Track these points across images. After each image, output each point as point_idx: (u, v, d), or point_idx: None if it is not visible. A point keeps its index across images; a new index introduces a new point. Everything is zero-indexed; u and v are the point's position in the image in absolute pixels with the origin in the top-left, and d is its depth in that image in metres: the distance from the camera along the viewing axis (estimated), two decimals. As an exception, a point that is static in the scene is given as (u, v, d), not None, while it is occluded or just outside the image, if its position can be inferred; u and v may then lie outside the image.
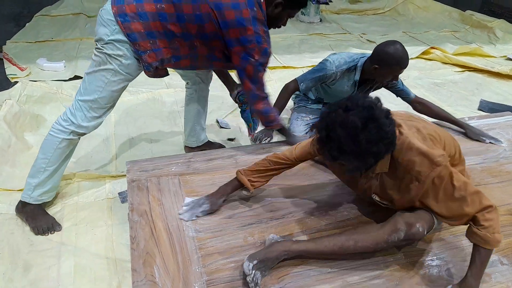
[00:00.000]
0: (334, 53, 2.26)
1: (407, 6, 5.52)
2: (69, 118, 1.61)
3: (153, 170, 1.72)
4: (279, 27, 1.70)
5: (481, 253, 1.20)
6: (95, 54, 1.54)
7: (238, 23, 1.47)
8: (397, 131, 1.22)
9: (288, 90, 2.29)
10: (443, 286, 1.27)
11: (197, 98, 2.08)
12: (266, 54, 1.59)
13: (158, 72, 1.64)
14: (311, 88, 2.31)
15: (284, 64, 3.52)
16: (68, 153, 1.71)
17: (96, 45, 1.52)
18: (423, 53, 3.91)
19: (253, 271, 1.20)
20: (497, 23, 4.88)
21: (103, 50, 1.50)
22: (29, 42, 3.73)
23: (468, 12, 5.30)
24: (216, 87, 3.06)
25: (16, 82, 2.84)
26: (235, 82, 2.04)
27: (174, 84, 3.01)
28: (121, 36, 1.46)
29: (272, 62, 3.52)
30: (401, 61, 2.01)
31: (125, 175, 1.79)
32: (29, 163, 1.70)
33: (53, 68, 3.22)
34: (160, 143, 2.36)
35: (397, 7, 5.53)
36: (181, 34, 1.50)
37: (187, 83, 2.07)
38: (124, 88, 1.63)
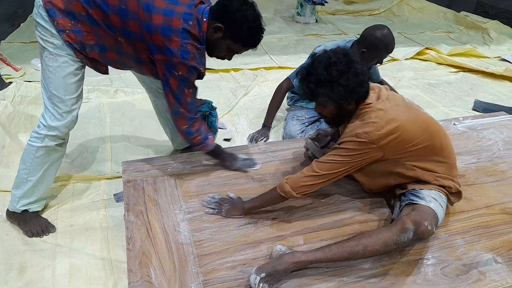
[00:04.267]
0: (319, 45, 2.32)
1: (402, 7, 5.54)
2: (41, 123, 1.54)
3: (148, 170, 1.72)
4: (222, 58, 1.54)
5: (272, 192, 1.43)
6: (39, 44, 1.46)
7: (162, 31, 1.36)
8: (373, 96, 1.39)
9: (282, 90, 2.39)
10: (438, 285, 1.28)
11: (162, 104, 1.93)
12: (193, 72, 1.45)
13: (98, 67, 1.56)
14: None
15: (280, 64, 3.52)
16: (50, 163, 1.62)
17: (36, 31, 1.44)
18: (418, 53, 3.93)
19: (261, 284, 1.18)
20: (491, 24, 4.92)
21: (38, 34, 1.42)
22: (24, 43, 3.70)
23: (463, 13, 5.33)
24: (212, 88, 3.07)
25: (11, 82, 2.82)
26: None
27: (170, 85, 3.01)
28: (43, 12, 1.38)
29: (268, 62, 3.58)
30: (389, 46, 2.10)
31: (120, 176, 1.79)
32: (24, 164, 1.69)
33: (48, 69, 3.20)
34: (155, 144, 2.36)
35: (392, 8, 5.55)
36: (104, 23, 1.40)
37: (146, 89, 1.95)
38: (78, 74, 1.51)
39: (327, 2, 5.12)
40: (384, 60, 2.24)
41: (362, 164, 1.38)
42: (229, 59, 1.55)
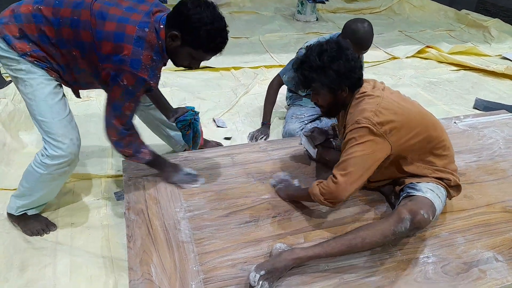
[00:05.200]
0: (307, 41, 2.34)
1: (403, 5, 5.54)
2: (43, 152, 1.46)
3: (149, 168, 1.71)
4: (189, 67, 1.44)
5: (308, 192, 1.42)
6: (12, 78, 1.42)
7: (115, 37, 1.27)
8: (368, 86, 1.42)
9: (274, 86, 2.42)
10: (438, 283, 1.28)
11: (146, 114, 1.91)
12: (140, 85, 1.34)
13: (72, 89, 1.52)
14: (293, 77, 2.37)
15: (280, 63, 3.51)
16: (56, 183, 1.58)
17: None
18: (419, 52, 3.93)
19: (260, 282, 1.19)
20: (492, 22, 4.90)
21: (5, 68, 1.39)
22: (24, 41, 3.70)
23: (464, 11, 5.32)
24: (213, 86, 3.07)
25: (11, 81, 2.82)
26: (171, 107, 1.87)
27: (170, 83, 3.01)
28: (1, 43, 1.34)
29: (268, 61, 3.58)
30: (360, 40, 2.03)
31: (121, 175, 1.79)
32: (24, 162, 1.68)
33: (49, 67, 3.20)
34: (156, 142, 2.35)
35: (393, 6, 5.54)
36: (57, 40, 1.34)
37: None
38: (58, 93, 1.44)
39: (327, 0, 5.11)
40: (385, 58, 2.22)
41: (379, 158, 1.34)
42: (197, 67, 1.43)
